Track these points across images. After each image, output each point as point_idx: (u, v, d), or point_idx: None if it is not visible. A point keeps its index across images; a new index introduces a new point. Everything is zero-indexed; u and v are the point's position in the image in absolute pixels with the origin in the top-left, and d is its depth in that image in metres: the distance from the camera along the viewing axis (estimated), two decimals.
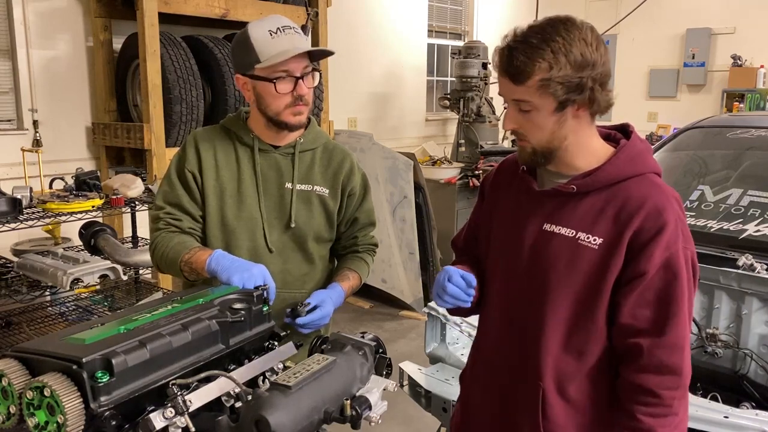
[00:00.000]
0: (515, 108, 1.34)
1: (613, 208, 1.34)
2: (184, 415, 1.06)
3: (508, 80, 1.30)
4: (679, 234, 1.32)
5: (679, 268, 1.31)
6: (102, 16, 4.18)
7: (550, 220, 1.40)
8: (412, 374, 2.48)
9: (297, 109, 1.73)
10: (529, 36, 1.28)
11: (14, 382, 1.06)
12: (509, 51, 1.29)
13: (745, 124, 3.17)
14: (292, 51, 1.66)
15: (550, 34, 1.26)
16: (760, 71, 7.57)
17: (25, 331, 3.05)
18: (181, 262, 1.68)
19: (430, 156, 6.86)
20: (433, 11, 7.58)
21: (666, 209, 1.31)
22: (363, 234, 1.94)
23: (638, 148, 1.41)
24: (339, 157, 1.87)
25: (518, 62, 1.27)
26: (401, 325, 4.79)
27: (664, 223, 1.30)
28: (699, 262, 1.39)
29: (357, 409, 1.19)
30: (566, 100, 1.29)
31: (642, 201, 1.32)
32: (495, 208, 1.55)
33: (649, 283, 1.31)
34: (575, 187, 1.37)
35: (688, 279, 1.33)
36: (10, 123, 4.04)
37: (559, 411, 1.41)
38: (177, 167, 1.81)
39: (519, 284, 1.42)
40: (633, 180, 1.36)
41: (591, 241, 1.34)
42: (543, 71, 1.26)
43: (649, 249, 1.30)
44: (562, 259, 1.37)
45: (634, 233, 1.31)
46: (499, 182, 1.57)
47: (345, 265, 1.91)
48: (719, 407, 2.02)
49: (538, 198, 1.42)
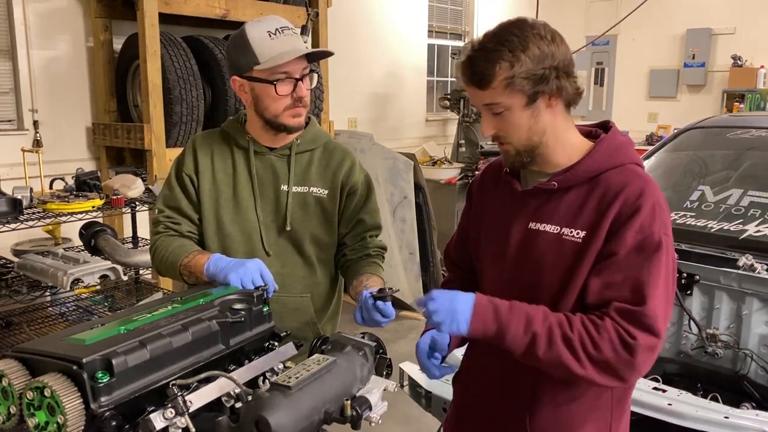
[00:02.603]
0: (488, 113, 1.36)
1: (594, 200, 1.35)
2: (184, 415, 1.06)
3: (475, 88, 1.33)
4: (655, 218, 1.30)
5: (655, 249, 1.28)
6: (102, 17, 4.18)
7: (535, 218, 1.41)
8: (412, 375, 2.48)
9: (296, 111, 1.72)
10: (484, 43, 1.32)
11: (14, 383, 1.06)
12: (469, 61, 1.33)
13: (745, 125, 3.17)
14: (294, 52, 1.65)
15: (503, 36, 1.31)
16: (760, 71, 7.57)
17: (25, 332, 3.05)
18: (180, 266, 1.68)
19: (430, 156, 6.86)
20: (433, 11, 7.58)
21: (644, 193, 1.31)
22: (371, 236, 1.87)
23: (618, 140, 1.42)
24: (339, 157, 1.84)
25: (479, 68, 1.30)
26: (401, 326, 4.79)
27: (640, 205, 1.30)
28: (699, 263, 1.39)
29: (357, 409, 1.19)
30: (535, 93, 1.31)
31: (621, 188, 1.33)
32: (483, 212, 1.56)
33: (618, 263, 1.28)
34: (556, 184, 1.38)
35: (666, 264, 1.29)
36: (10, 123, 4.05)
37: (549, 411, 1.41)
38: (176, 171, 1.82)
39: (508, 285, 1.41)
40: (613, 171, 1.36)
41: (575, 235, 1.35)
42: (505, 70, 1.28)
43: (622, 231, 1.29)
44: (548, 257, 1.37)
45: (613, 219, 1.31)
46: (485, 186, 1.59)
47: (366, 271, 1.79)
48: (719, 407, 2.02)
49: (522, 198, 1.44)
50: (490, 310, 1.29)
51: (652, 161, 3.29)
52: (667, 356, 2.60)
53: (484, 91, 1.32)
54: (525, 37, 1.30)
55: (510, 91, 1.30)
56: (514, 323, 1.28)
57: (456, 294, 1.32)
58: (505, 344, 1.29)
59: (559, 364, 1.26)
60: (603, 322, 1.26)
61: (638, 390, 2.13)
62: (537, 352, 1.27)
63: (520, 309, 1.30)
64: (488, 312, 1.29)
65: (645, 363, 1.26)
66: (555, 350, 1.25)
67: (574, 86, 1.35)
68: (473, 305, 1.30)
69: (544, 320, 1.28)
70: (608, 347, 1.24)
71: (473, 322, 1.29)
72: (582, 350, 1.25)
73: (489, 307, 1.30)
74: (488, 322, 1.29)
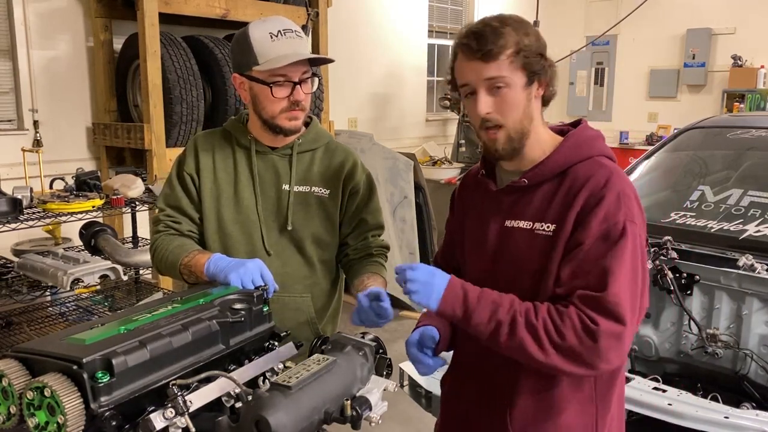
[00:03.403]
0: (486, 90, 1.35)
1: (562, 193, 1.36)
2: (184, 415, 1.06)
3: (479, 61, 1.32)
4: (620, 207, 1.30)
5: (619, 236, 1.27)
6: (102, 17, 4.18)
7: (510, 216, 1.43)
8: (412, 374, 2.48)
9: (292, 114, 1.71)
10: (487, 23, 1.35)
11: (14, 383, 1.06)
12: (475, 35, 1.33)
13: (745, 125, 3.17)
14: (292, 57, 1.64)
15: (504, 19, 1.35)
16: (760, 71, 7.57)
17: (25, 332, 3.05)
18: (180, 266, 1.67)
19: (430, 156, 6.87)
20: (433, 11, 7.58)
21: (609, 182, 1.32)
22: (374, 235, 1.87)
23: (586, 134, 1.43)
24: (340, 157, 1.84)
25: (489, 39, 1.31)
26: (401, 326, 4.79)
27: (603, 195, 1.31)
28: (699, 263, 1.39)
29: (357, 409, 1.19)
30: (533, 74, 1.34)
31: (586, 180, 1.34)
32: (464, 217, 1.58)
33: (583, 252, 1.29)
34: (526, 180, 1.40)
35: (632, 251, 1.28)
36: (10, 123, 4.05)
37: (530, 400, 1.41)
38: (177, 170, 1.82)
39: (489, 284, 1.41)
40: (580, 164, 1.38)
41: (545, 229, 1.36)
42: (512, 45, 1.31)
43: (587, 220, 1.30)
44: (523, 253, 1.39)
45: (579, 210, 1.32)
46: (465, 192, 1.61)
47: (367, 270, 1.79)
48: (719, 407, 2.02)
49: (497, 197, 1.45)
50: (459, 294, 1.32)
51: (652, 161, 3.29)
52: (667, 356, 2.60)
53: (489, 64, 1.32)
54: (524, 22, 1.36)
55: (514, 67, 1.32)
56: (480, 310, 1.30)
57: (436, 271, 1.34)
58: (470, 329, 1.32)
59: (521, 351, 1.27)
60: (567, 310, 1.26)
61: (638, 390, 2.13)
62: (499, 340, 1.29)
63: (488, 297, 1.32)
64: (458, 295, 1.32)
65: (611, 350, 1.24)
66: (517, 338, 1.26)
67: (554, 85, 1.41)
68: (446, 286, 1.32)
69: (509, 308, 1.29)
70: (571, 334, 1.24)
71: (442, 302, 1.32)
72: (546, 338, 1.25)
73: (459, 291, 1.32)
74: (456, 305, 1.31)
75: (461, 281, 1.35)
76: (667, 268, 2.46)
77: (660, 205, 2.91)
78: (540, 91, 1.39)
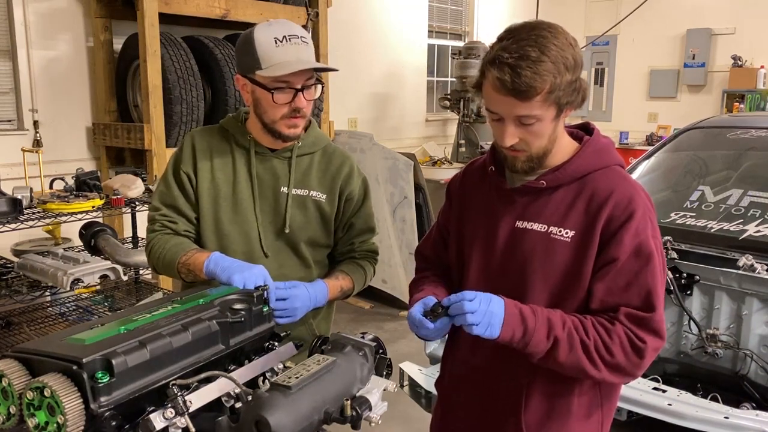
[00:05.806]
0: (514, 123, 1.31)
1: (583, 201, 1.37)
2: (184, 415, 1.06)
3: (513, 98, 1.26)
4: (647, 222, 1.34)
5: (650, 253, 1.33)
6: (102, 17, 4.18)
7: (523, 217, 1.42)
8: (412, 375, 2.48)
9: (292, 122, 1.70)
10: (525, 49, 1.24)
11: (14, 383, 1.06)
12: (512, 69, 1.24)
13: (745, 125, 3.17)
14: (295, 64, 1.63)
15: (544, 44, 1.24)
16: (760, 72, 7.57)
17: (25, 332, 3.05)
18: (178, 264, 1.67)
19: (430, 156, 6.87)
20: (433, 12, 7.58)
21: (634, 198, 1.35)
22: (360, 240, 1.88)
23: (602, 142, 1.44)
24: (338, 161, 1.84)
25: (526, 79, 1.23)
26: (401, 326, 4.79)
27: (632, 210, 1.33)
28: (699, 263, 1.41)
29: (357, 409, 1.19)
30: (565, 104, 1.31)
31: (610, 191, 1.35)
32: (465, 210, 1.55)
33: (621, 268, 1.32)
34: (545, 182, 1.39)
35: (661, 265, 1.35)
36: (10, 123, 4.05)
37: (542, 406, 1.42)
38: (173, 168, 1.80)
39: (495, 283, 1.41)
40: (599, 172, 1.39)
41: (563, 235, 1.36)
42: (549, 84, 1.25)
43: (619, 235, 1.32)
44: (536, 255, 1.38)
45: (605, 222, 1.33)
46: (467, 184, 1.58)
47: (338, 268, 1.85)
48: (719, 408, 2.02)
49: (509, 196, 1.44)
50: (517, 314, 1.31)
51: (652, 161, 3.29)
52: (667, 356, 2.60)
53: (523, 102, 1.26)
54: (562, 45, 1.26)
55: (548, 104, 1.28)
56: (539, 329, 1.30)
57: (492, 297, 1.31)
58: (527, 348, 1.31)
59: (575, 366, 1.31)
60: (614, 327, 1.31)
61: (638, 390, 2.13)
62: (558, 357, 1.31)
63: (542, 315, 1.32)
64: (516, 316, 1.31)
65: (650, 361, 1.34)
66: (575, 355, 1.30)
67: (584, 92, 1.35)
68: (504, 310, 1.30)
69: (563, 325, 1.31)
70: (620, 351, 1.30)
71: (504, 327, 1.29)
72: (597, 355, 1.30)
73: (516, 312, 1.31)
74: (516, 328, 1.30)
75: (512, 301, 1.33)
76: (667, 269, 2.46)
77: (660, 205, 2.90)
78: (569, 112, 1.35)
